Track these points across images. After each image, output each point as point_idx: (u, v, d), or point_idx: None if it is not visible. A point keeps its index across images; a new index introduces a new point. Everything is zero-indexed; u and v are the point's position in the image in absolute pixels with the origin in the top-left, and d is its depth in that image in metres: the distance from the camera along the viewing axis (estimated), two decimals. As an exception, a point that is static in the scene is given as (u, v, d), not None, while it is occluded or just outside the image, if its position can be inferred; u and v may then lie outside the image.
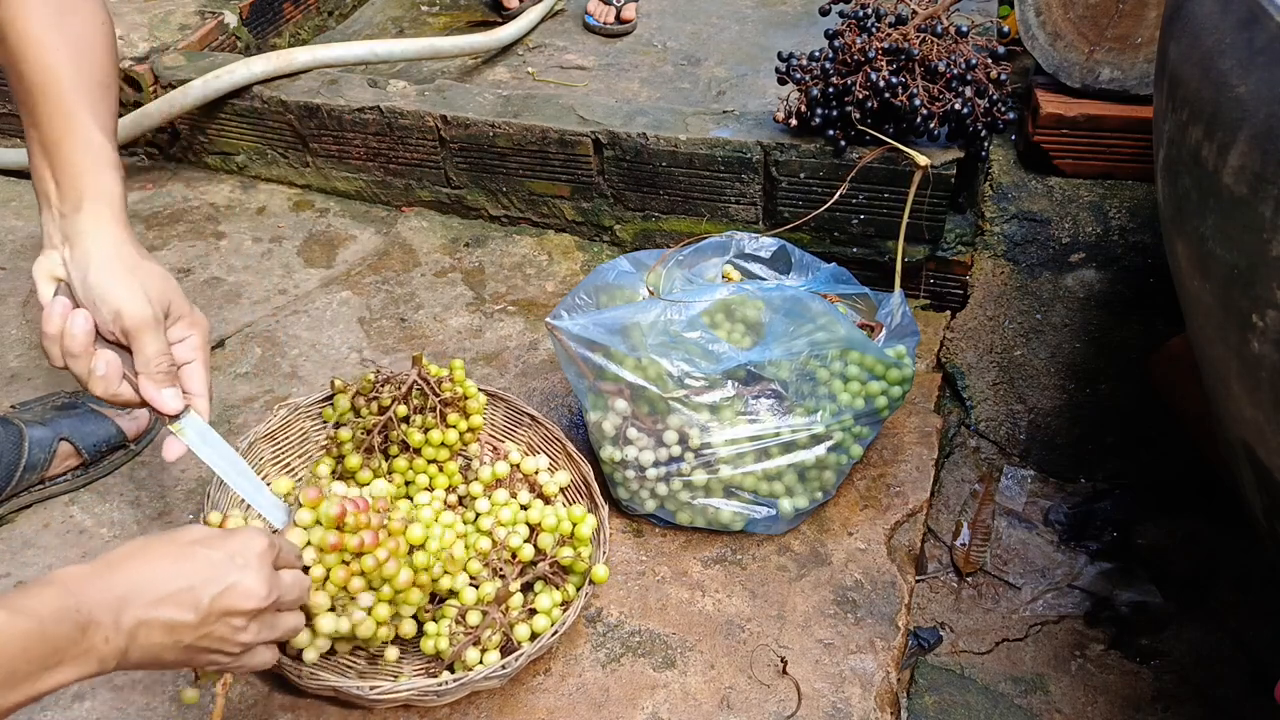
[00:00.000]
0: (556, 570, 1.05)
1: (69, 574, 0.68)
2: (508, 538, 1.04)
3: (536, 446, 1.20)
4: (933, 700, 1.11)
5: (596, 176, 1.57)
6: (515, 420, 1.22)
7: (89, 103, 0.87)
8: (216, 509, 1.05)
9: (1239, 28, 0.76)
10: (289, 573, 0.81)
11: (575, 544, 1.05)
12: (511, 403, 1.21)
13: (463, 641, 0.96)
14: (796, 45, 1.87)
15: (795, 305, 1.12)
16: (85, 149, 0.85)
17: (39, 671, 0.63)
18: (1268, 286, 0.70)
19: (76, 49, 0.87)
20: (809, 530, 1.18)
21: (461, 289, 1.55)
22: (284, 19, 2.11)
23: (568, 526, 1.05)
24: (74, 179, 0.85)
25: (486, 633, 0.97)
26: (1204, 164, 0.78)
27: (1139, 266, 1.42)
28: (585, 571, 1.04)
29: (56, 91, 0.85)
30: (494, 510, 1.09)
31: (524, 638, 0.99)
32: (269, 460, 1.15)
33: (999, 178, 1.51)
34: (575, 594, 1.03)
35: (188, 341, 0.88)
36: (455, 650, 0.96)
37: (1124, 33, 1.37)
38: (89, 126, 0.86)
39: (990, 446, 1.38)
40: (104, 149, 0.86)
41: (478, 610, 0.98)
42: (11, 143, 1.90)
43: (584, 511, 1.06)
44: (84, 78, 0.87)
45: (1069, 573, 1.23)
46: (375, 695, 0.91)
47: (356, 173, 1.72)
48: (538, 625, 1.00)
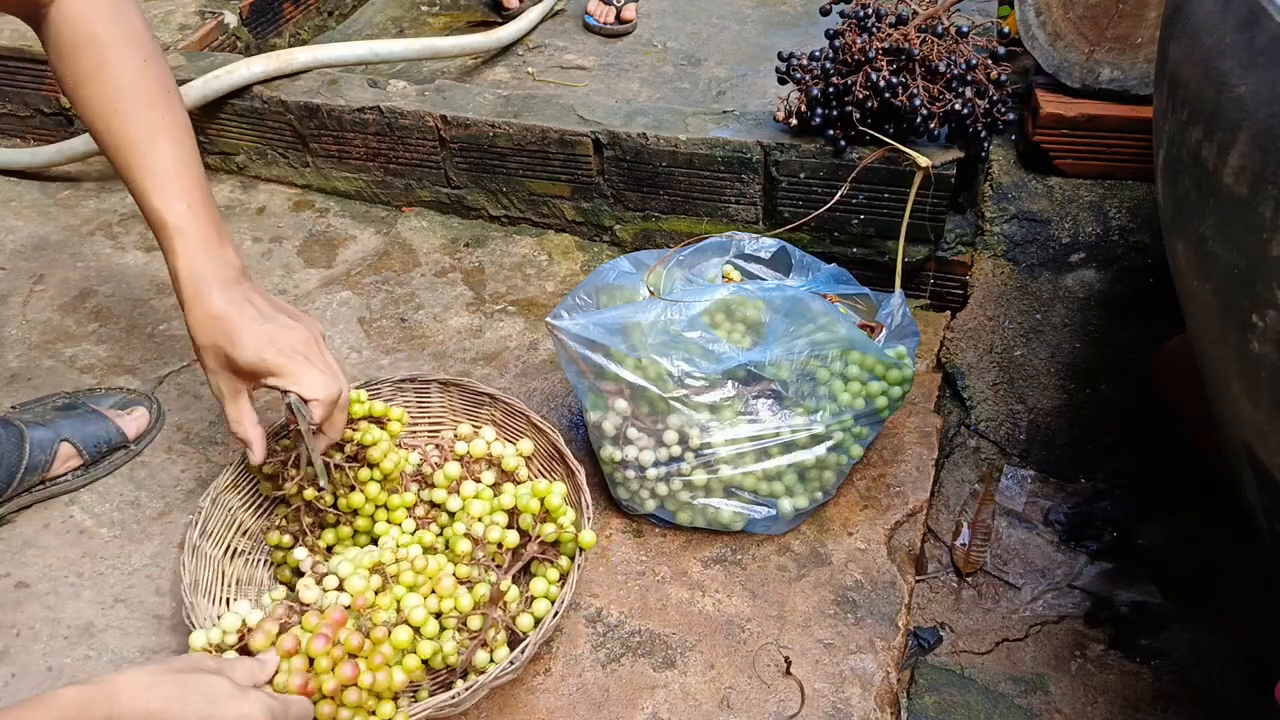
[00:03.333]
0: (544, 549, 1.04)
1: (68, 698, 0.65)
2: (487, 531, 1.02)
3: (501, 424, 1.19)
4: (933, 700, 1.11)
5: (596, 176, 1.57)
6: (476, 402, 1.21)
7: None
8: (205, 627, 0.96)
9: (1239, 28, 0.76)
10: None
11: (553, 516, 1.03)
12: (466, 385, 1.19)
13: (470, 647, 0.95)
14: (796, 45, 1.87)
15: (795, 305, 1.12)
16: None
17: None
18: (1268, 286, 0.70)
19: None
20: (809, 530, 1.18)
21: (461, 289, 1.55)
22: (284, 19, 2.11)
23: (535, 503, 1.03)
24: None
25: (491, 632, 0.96)
26: (1204, 164, 0.78)
27: (1139, 266, 1.42)
28: (572, 541, 1.02)
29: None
30: (465, 506, 1.07)
31: (528, 627, 0.98)
32: (239, 507, 1.10)
33: (999, 178, 1.51)
34: (570, 564, 1.02)
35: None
36: (464, 658, 0.95)
37: (1124, 33, 1.37)
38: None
39: (990, 446, 1.38)
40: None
41: (477, 614, 0.97)
42: (11, 143, 1.90)
43: (548, 483, 1.05)
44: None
45: (1069, 573, 1.23)
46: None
47: (356, 173, 1.72)
48: (539, 610, 0.99)
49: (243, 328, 0.91)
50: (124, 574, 1.13)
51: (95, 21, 0.92)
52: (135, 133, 0.93)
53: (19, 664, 1.04)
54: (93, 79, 0.92)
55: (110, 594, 1.11)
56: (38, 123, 1.87)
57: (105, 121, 0.93)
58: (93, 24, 0.92)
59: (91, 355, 1.40)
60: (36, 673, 1.03)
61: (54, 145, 1.74)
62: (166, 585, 1.12)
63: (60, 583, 1.11)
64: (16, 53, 1.78)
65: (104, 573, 1.13)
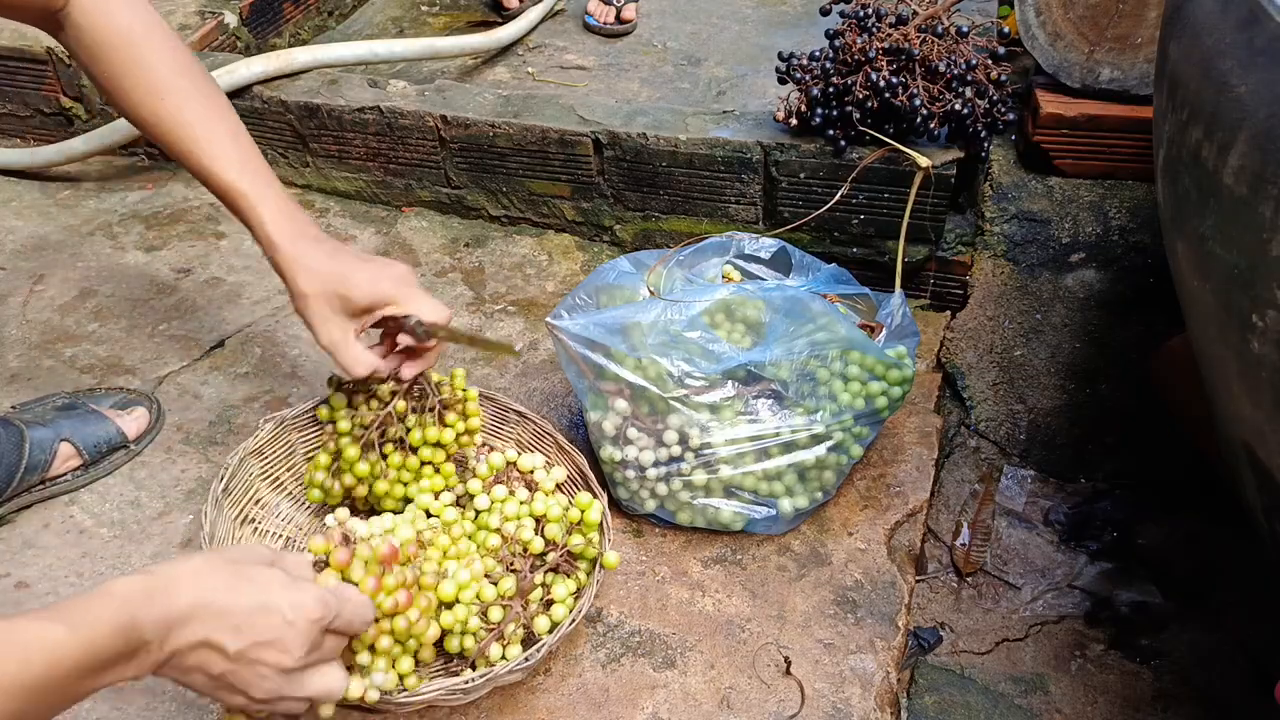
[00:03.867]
0: (568, 559, 1.04)
1: (129, 588, 0.67)
2: (518, 531, 1.04)
3: (527, 443, 1.20)
4: (933, 700, 1.11)
5: (596, 176, 1.57)
6: (502, 418, 1.21)
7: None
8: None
9: (1239, 28, 0.76)
10: (333, 638, 0.77)
11: (584, 530, 1.04)
12: (497, 400, 1.20)
13: (486, 638, 0.96)
14: (796, 45, 1.86)
15: (795, 305, 1.12)
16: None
17: (78, 682, 0.64)
18: (1268, 286, 0.71)
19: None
20: (809, 530, 1.18)
21: (461, 289, 1.55)
22: (284, 19, 2.11)
23: (575, 514, 1.05)
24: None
25: (510, 627, 0.97)
26: (1204, 164, 0.78)
27: (1139, 266, 1.42)
28: (595, 558, 1.03)
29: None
30: (496, 506, 1.08)
31: (543, 630, 0.99)
32: (258, 475, 1.13)
33: (999, 178, 1.51)
34: (587, 579, 1.03)
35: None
36: (480, 647, 0.96)
37: (1124, 33, 1.37)
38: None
39: (990, 446, 1.38)
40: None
41: (499, 605, 0.97)
42: (11, 143, 1.90)
43: (590, 498, 1.06)
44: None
45: (1069, 573, 1.23)
46: (402, 699, 0.89)
47: (356, 173, 1.72)
48: (555, 615, 1.00)
49: (353, 270, 0.97)
50: (124, 574, 1.13)
51: (118, 15, 0.95)
52: (189, 113, 0.96)
53: (19, 664, 1.04)
54: (132, 69, 0.94)
55: (110, 594, 1.11)
56: (38, 123, 1.87)
57: (152, 107, 0.95)
58: (117, 17, 0.95)
59: (91, 355, 1.40)
60: (36, 673, 1.03)
61: (54, 145, 1.74)
62: (166, 585, 1.12)
63: (60, 583, 1.11)
64: (16, 53, 1.78)
65: (104, 573, 1.13)
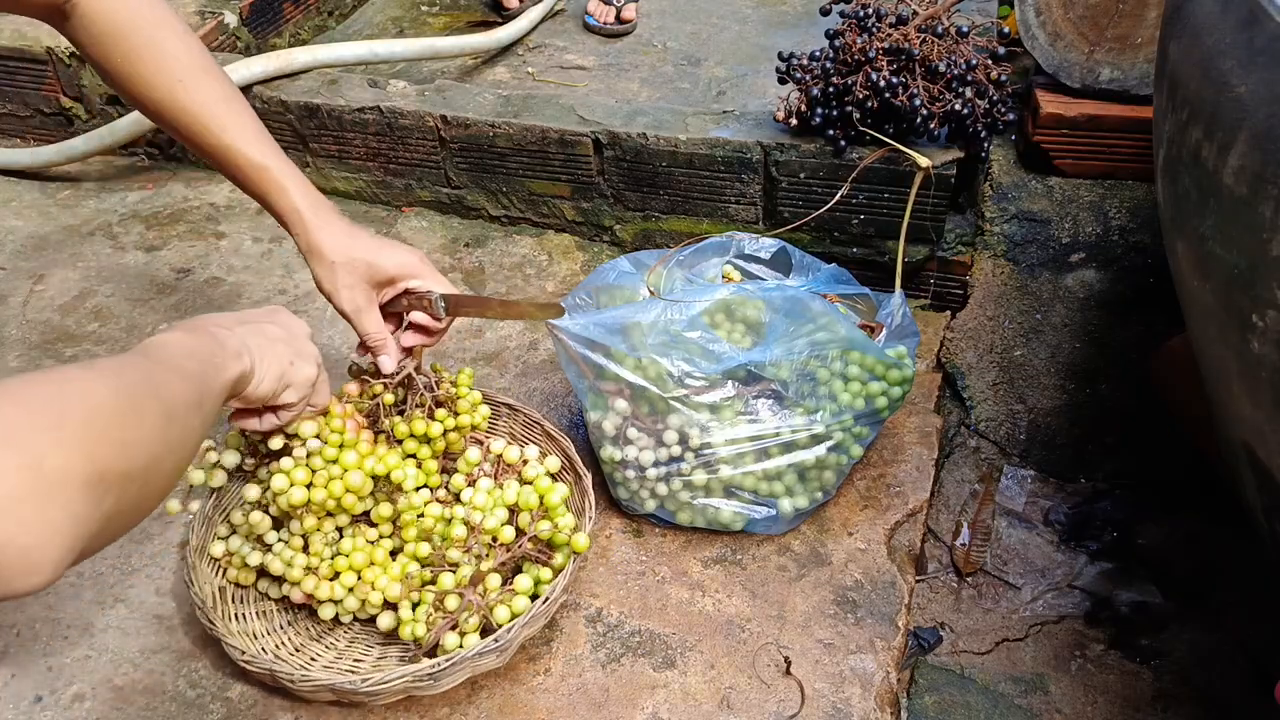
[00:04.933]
0: (539, 547, 1.03)
1: (177, 324, 0.83)
2: (484, 520, 1.02)
3: (520, 436, 1.19)
4: (933, 700, 1.11)
5: (596, 176, 1.57)
6: (494, 412, 1.20)
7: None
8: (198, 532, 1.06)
9: (1239, 28, 0.76)
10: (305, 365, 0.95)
11: (550, 515, 1.03)
12: (487, 394, 1.19)
13: (440, 625, 0.95)
14: (796, 45, 1.87)
15: (795, 305, 1.12)
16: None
17: (213, 371, 0.78)
18: (1268, 286, 0.71)
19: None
20: (809, 530, 1.18)
21: (462, 289, 1.55)
22: (284, 19, 2.11)
23: (535, 499, 1.03)
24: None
25: (464, 615, 0.96)
26: (1204, 164, 0.78)
27: (1139, 266, 1.42)
28: (566, 543, 1.02)
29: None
30: (469, 499, 1.07)
31: (503, 620, 0.97)
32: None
33: (999, 178, 1.51)
34: (564, 560, 1.02)
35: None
36: (433, 634, 0.95)
37: (1124, 33, 1.37)
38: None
39: (990, 446, 1.38)
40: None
41: (455, 594, 0.97)
42: (11, 143, 1.90)
43: (550, 481, 1.05)
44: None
45: (1069, 573, 1.23)
46: (370, 687, 0.91)
47: (356, 173, 1.72)
48: (517, 606, 0.98)
49: (380, 243, 1.02)
50: (124, 574, 1.13)
51: (125, 3, 0.95)
52: (206, 96, 0.97)
53: (19, 664, 1.04)
54: (145, 56, 0.95)
55: (110, 594, 1.11)
56: (38, 123, 1.87)
57: (168, 92, 0.96)
58: (123, 6, 0.95)
59: (91, 355, 1.40)
60: (36, 673, 1.03)
61: (54, 145, 1.74)
62: (167, 585, 1.12)
63: (60, 582, 1.11)
64: (16, 53, 1.77)
65: (104, 573, 1.13)
